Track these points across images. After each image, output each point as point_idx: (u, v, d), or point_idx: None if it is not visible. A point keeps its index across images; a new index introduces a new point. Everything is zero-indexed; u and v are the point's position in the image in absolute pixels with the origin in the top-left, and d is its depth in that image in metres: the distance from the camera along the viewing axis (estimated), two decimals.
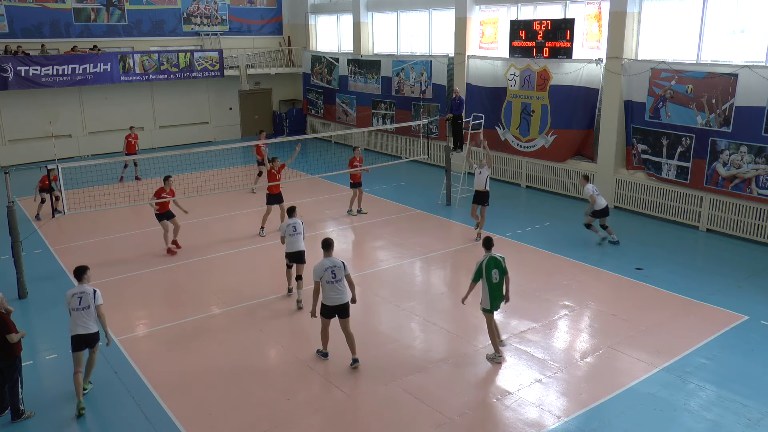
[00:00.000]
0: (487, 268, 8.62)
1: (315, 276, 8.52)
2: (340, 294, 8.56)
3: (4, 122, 22.34)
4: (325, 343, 8.95)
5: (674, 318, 10.12)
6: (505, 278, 8.74)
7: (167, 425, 7.58)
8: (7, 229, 11.18)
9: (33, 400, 8.03)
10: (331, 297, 8.55)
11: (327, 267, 8.51)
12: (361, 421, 7.68)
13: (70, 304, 7.95)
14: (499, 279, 8.67)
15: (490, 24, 19.02)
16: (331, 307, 8.60)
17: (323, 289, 8.54)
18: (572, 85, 16.57)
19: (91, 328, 7.97)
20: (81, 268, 8.29)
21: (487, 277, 8.62)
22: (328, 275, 8.48)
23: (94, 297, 7.98)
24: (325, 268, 8.50)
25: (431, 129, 19.39)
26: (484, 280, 8.65)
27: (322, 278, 8.49)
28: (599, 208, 13.21)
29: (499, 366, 8.75)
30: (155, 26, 24.94)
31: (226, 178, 17.88)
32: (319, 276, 8.49)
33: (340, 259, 8.66)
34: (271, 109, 28.56)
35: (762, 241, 13.42)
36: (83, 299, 7.94)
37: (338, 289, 8.54)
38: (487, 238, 8.91)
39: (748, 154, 13.21)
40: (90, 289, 8.05)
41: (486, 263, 8.64)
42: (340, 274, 8.54)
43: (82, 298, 7.95)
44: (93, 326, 7.99)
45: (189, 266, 12.67)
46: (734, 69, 13.21)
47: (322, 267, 8.52)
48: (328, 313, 8.68)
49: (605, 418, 7.57)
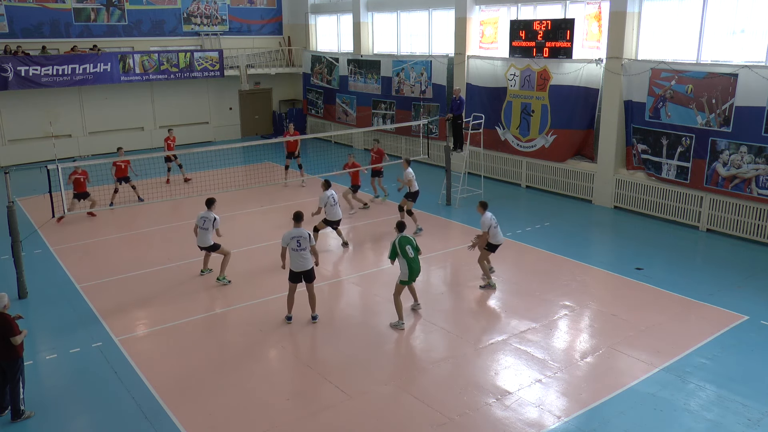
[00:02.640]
0: (401, 246, 9.82)
1: (282, 242, 9.84)
2: (304, 261, 9.77)
3: (4, 122, 22.35)
4: (290, 307, 10.11)
5: (674, 318, 10.12)
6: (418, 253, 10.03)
7: (167, 425, 7.59)
8: (7, 229, 11.18)
9: (33, 400, 8.03)
10: (297, 263, 9.77)
11: (294, 236, 9.72)
12: (361, 421, 7.67)
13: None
14: (413, 254, 9.86)
15: (490, 24, 19.02)
16: (297, 273, 9.82)
17: (290, 256, 9.76)
18: (572, 85, 16.57)
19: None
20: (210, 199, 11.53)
21: (402, 253, 9.80)
22: (293, 243, 9.70)
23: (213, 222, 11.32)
24: (292, 236, 9.72)
25: (431, 129, 19.39)
26: (401, 257, 9.83)
27: (288, 245, 9.76)
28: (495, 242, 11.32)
29: (496, 365, 8.76)
30: (155, 26, 24.94)
31: (226, 178, 17.87)
32: (285, 243, 9.80)
33: (307, 231, 9.80)
34: (271, 109, 28.56)
35: (762, 241, 13.42)
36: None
37: (303, 256, 9.75)
38: (400, 222, 10.24)
39: (748, 154, 13.21)
40: (212, 215, 11.28)
41: (399, 241, 9.86)
42: (305, 244, 9.72)
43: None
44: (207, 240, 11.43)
45: (189, 266, 12.66)
46: (734, 69, 13.21)
47: (289, 235, 9.77)
48: (295, 278, 9.89)
49: (605, 418, 7.57)
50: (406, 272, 9.91)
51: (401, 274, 10.01)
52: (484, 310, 10.63)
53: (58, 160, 12.77)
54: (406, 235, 10.08)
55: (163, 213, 16.29)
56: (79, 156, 23.15)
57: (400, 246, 9.84)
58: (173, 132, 19.80)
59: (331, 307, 10.83)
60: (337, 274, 12.43)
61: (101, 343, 9.57)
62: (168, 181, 19.11)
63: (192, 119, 26.18)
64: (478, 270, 11.82)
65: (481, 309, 10.65)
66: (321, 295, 11.26)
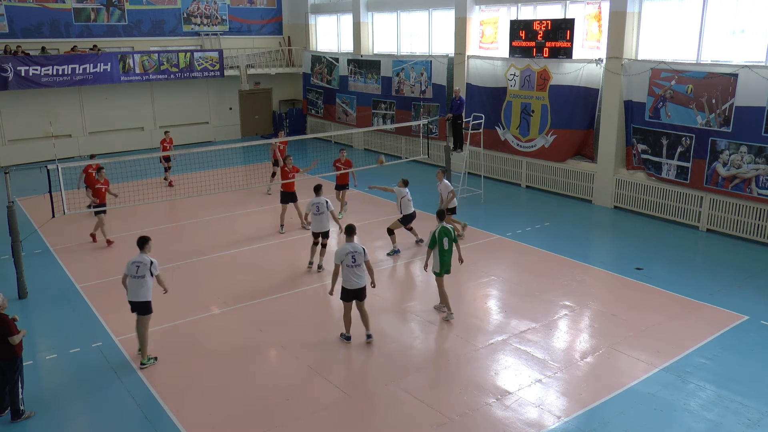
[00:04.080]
0: (440, 237, 9.74)
1: (336, 259, 9.03)
2: (360, 278, 9.05)
3: (4, 122, 22.35)
4: (348, 326, 9.36)
5: (674, 318, 10.12)
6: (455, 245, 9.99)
7: (167, 425, 7.58)
8: (7, 229, 11.17)
9: (33, 400, 8.03)
10: (350, 280, 9.03)
11: (348, 251, 8.97)
12: (361, 421, 7.67)
13: (128, 271, 8.69)
14: (448, 247, 9.78)
15: (490, 24, 19.02)
16: (351, 290, 9.09)
17: (343, 273, 9.01)
18: (572, 85, 16.57)
19: (140, 297, 8.68)
20: (144, 237, 8.96)
21: (439, 244, 9.74)
22: (348, 259, 8.94)
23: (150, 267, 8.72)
24: (346, 252, 8.96)
25: (431, 129, 19.39)
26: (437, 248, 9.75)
27: (342, 262, 8.96)
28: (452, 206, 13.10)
29: (496, 365, 8.76)
30: (155, 26, 24.94)
31: (226, 178, 17.86)
32: (340, 259, 8.99)
33: (361, 246, 9.12)
34: (271, 109, 28.56)
35: (762, 241, 13.42)
36: (140, 268, 8.63)
37: (357, 273, 9.03)
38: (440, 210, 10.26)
39: (748, 154, 13.21)
40: (148, 259, 8.74)
41: (439, 231, 9.77)
42: (360, 260, 9.00)
43: (140, 267, 8.64)
44: (142, 295, 8.70)
45: (189, 266, 12.66)
46: (734, 69, 13.21)
47: (343, 251, 8.99)
48: (348, 296, 9.16)
49: (605, 418, 7.57)
50: (438, 264, 9.89)
51: (434, 265, 9.97)
52: (484, 310, 10.63)
53: (58, 160, 12.75)
54: (446, 225, 9.93)
55: (162, 213, 16.29)
56: (78, 156, 23.15)
57: (439, 237, 9.77)
58: (170, 134, 19.84)
59: (331, 307, 10.83)
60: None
61: (101, 343, 9.57)
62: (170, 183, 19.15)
63: (192, 119, 26.19)
64: (478, 270, 11.84)
65: (481, 309, 10.64)
66: (321, 295, 11.28)
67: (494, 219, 15.37)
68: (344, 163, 15.47)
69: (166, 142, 19.38)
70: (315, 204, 11.79)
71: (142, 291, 8.70)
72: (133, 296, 8.75)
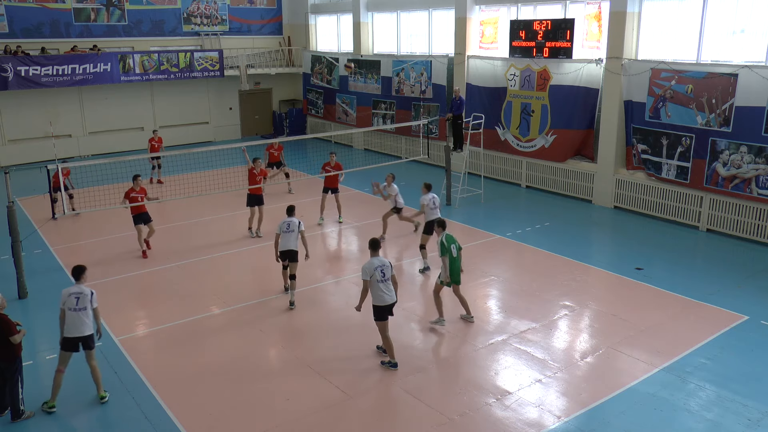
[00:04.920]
0: (448, 243, 9.52)
1: (364, 275, 8.47)
2: (391, 292, 8.54)
3: (4, 122, 22.34)
4: (391, 351, 8.68)
5: (674, 318, 10.12)
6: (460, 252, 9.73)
7: (167, 425, 7.59)
8: (7, 229, 11.17)
9: (33, 400, 8.03)
10: (382, 297, 8.47)
11: (377, 266, 8.48)
12: (361, 421, 7.67)
13: (66, 304, 7.83)
14: (456, 254, 9.60)
15: (490, 24, 19.02)
16: (384, 307, 8.51)
17: (373, 289, 8.46)
18: (572, 85, 16.57)
19: (85, 330, 7.84)
20: (79, 267, 8.16)
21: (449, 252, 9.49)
22: (378, 274, 8.44)
23: (90, 299, 7.86)
24: (375, 267, 8.46)
25: (431, 129, 19.39)
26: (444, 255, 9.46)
27: (372, 277, 8.43)
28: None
29: (496, 365, 8.76)
30: (155, 26, 24.94)
31: (226, 178, 17.85)
32: (368, 275, 8.44)
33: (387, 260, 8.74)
34: (271, 109, 28.56)
35: (762, 241, 13.42)
36: (80, 300, 7.83)
37: (389, 288, 8.53)
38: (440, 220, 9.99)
39: (748, 154, 13.21)
40: (87, 290, 7.93)
41: (446, 238, 9.55)
42: (388, 273, 8.53)
43: (80, 298, 7.84)
44: (87, 328, 7.84)
45: (189, 266, 12.66)
46: (734, 69, 13.21)
47: (371, 266, 8.47)
48: (382, 313, 8.56)
49: (605, 418, 7.57)
50: (448, 273, 9.57)
51: (441, 274, 9.69)
52: (484, 310, 10.62)
53: (58, 160, 12.76)
54: (449, 233, 9.74)
55: (162, 213, 16.28)
56: (79, 156, 23.16)
57: (447, 244, 9.55)
58: (158, 133, 20.03)
59: (331, 307, 10.83)
60: (338, 273, 12.42)
61: (101, 343, 9.53)
62: (160, 181, 19.42)
63: (192, 119, 26.19)
64: (479, 270, 11.82)
65: (481, 309, 10.63)
66: (321, 295, 11.29)
67: (494, 219, 15.37)
68: (334, 167, 15.27)
69: (154, 141, 19.56)
70: (286, 222, 10.83)
71: (87, 323, 7.83)
72: (76, 331, 7.76)
